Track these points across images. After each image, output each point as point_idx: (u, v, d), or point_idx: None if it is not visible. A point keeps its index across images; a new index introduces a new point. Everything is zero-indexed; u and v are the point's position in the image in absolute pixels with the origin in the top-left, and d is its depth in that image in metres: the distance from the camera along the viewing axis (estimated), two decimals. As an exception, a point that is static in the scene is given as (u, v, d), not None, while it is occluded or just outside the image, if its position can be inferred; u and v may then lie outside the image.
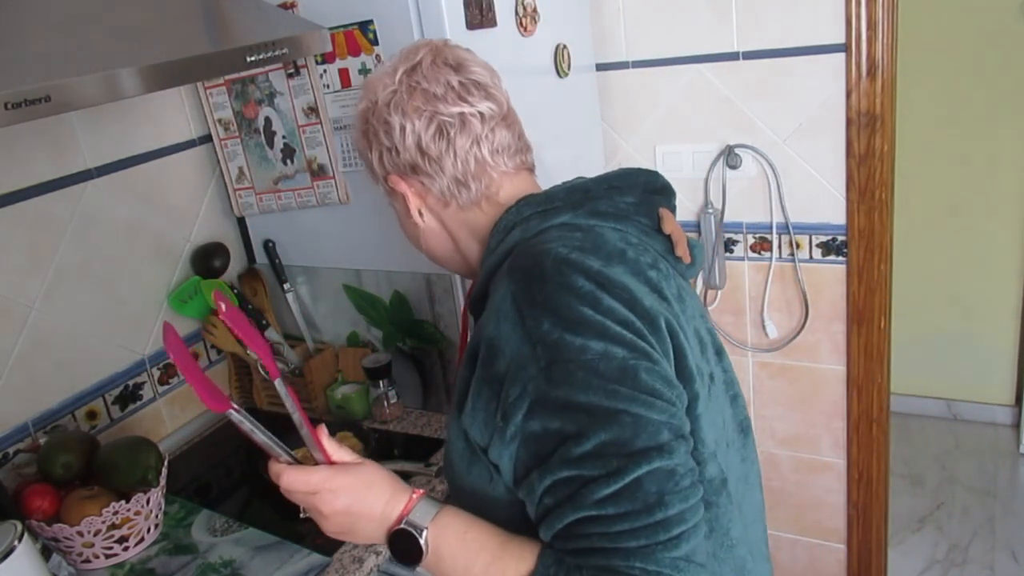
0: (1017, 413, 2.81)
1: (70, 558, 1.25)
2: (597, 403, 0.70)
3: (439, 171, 0.87)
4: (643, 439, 0.70)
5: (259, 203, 1.66)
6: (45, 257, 1.42)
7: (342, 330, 1.72)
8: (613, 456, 0.69)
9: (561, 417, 0.70)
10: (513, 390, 0.72)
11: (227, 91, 1.59)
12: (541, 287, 0.74)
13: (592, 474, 0.69)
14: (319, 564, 1.20)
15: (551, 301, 0.73)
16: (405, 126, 0.86)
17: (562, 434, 0.70)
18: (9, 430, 1.37)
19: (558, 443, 0.70)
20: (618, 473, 0.69)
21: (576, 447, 0.70)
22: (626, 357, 0.71)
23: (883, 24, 1.54)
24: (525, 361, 0.71)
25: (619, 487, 0.69)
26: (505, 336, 0.73)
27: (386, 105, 0.88)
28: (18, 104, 0.84)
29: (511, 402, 0.72)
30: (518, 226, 0.84)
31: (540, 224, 0.83)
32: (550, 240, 0.79)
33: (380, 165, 0.91)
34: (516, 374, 0.72)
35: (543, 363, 0.71)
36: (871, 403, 1.82)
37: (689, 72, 1.75)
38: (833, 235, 1.74)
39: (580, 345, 0.71)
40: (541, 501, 0.73)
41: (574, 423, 0.70)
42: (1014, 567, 2.28)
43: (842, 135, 1.65)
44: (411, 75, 0.87)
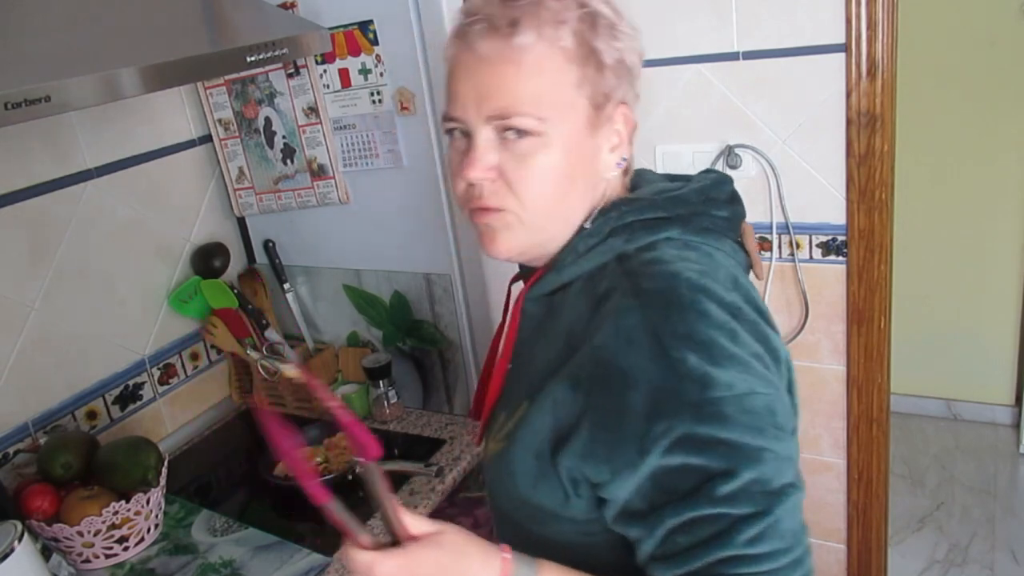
0: (1017, 413, 2.81)
1: (70, 558, 1.25)
2: (745, 441, 0.67)
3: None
4: (781, 476, 0.69)
5: (259, 203, 1.66)
6: (45, 257, 1.41)
7: (342, 330, 1.72)
8: (758, 494, 0.67)
9: (707, 454, 0.67)
10: (658, 425, 0.66)
11: (227, 91, 1.59)
12: (682, 316, 0.68)
13: (740, 512, 0.67)
14: (319, 564, 1.20)
15: (695, 333, 0.68)
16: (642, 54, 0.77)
17: (707, 471, 0.67)
18: (9, 430, 1.37)
19: (702, 480, 0.67)
20: (765, 512, 0.67)
21: (723, 484, 0.67)
22: (766, 393, 0.69)
23: (883, 24, 1.54)
24: (671, 395, 0.67)
25: (765, 526, 0.67)
26: (641, 367, 0.67)
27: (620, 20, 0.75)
28: (18, 104, 0.84)
29: (653, 437, 0.67)
30: (618, 233, 0.76)
31: (648, 236, 0.75)
32: (669, 259, 0.73)
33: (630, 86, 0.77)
34: (660, 408, 0.67)
35: (693, 398, 0.66)
36: (871, 403, 1.82)
37: (689, 72, 1.75)
38: (833, 235, 1.74)
39: (727, 381, 0.67)
40: (669, 538, 0.69)
41: (722, 460, 0.67)
42: (1014, 567, 2.27)
43: (842, 135, 1.65)
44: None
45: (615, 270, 0.75)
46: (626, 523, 0.72)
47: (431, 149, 1.41)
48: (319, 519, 1.33)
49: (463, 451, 1.46)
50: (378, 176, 1.49)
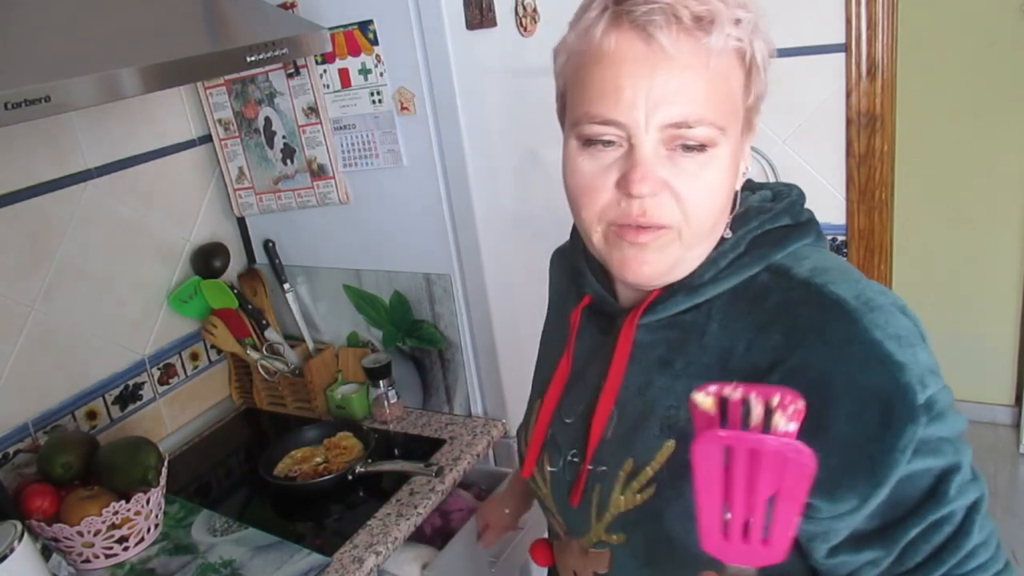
0: (1017, 413, 2.81)
1: (70, 558, 1.25)
2: (956, 431, 0.66)
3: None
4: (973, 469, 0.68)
5: (259, 203, 1.66)
6: (45, 257, 1.42)
7: (342, 330, 1.72)
8: (973, 480, 0.67)
9: (938, 453, 0.64)
10: (903, 434, 0.62)
11: (227, 91, 1.59)
12: (886, 319, 0.64)
13: (968, 502, 0.65)
14: (319, 564, 1.20)
15: (901, 333, 0.64)
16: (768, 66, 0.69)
17: (938, 470, 0.64)
18: (9, 430, 1.37)
19: (936, 481, 0.64)
20: (982, 495, 0.67)
21: (954, 478, 0.65)
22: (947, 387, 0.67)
23: (883, 24, 1.54)
24: (902, 401, 0.62)
25: (984, 509, 0.66)
26: (868, 379, 0.62)
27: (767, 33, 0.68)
28: (18, 104, 0.84)
29: (900, 448, 0.62)
30: (761, 245, 0.71)
31: (791, 244, 0.71)
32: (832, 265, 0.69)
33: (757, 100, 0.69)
34: (898, 417, 0.62)
35: (921, 400, 0.62)
36: (871, 403, 1.82)
37: (689, 72, 1.75)
38: (833, 235, 1.74)
39: (933, 375, 0.65)
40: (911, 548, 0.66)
41: (948, 455, 0.65)
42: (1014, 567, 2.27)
43: (842, 135, 1.65)
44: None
45: (778, 282, 0.68)
46: (855, 549, 0.67)
47: (431, 149, 1.41)
48: (319, 519, 1.34)
49: (463, 451, 1.46)
50: (378, 176, 1.49)
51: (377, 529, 1.27)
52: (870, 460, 0.62)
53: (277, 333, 1.71)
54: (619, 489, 0.73)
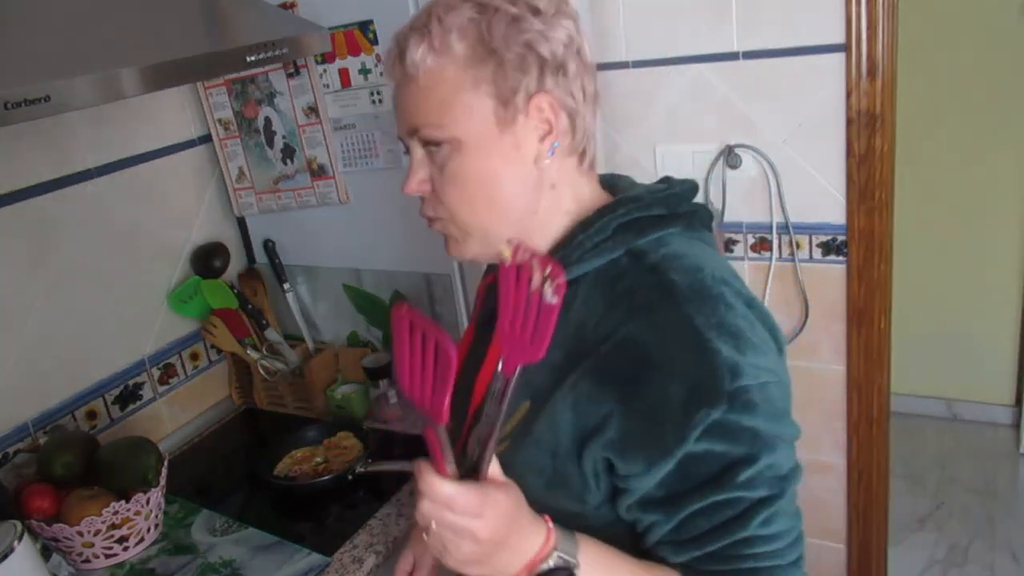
0: (1017, 413, 2.81)
1: (70, 558, 1.25)
2: (764, 428, 0.71)
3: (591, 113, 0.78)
4: (789, 461, 0.74)
5: (259, 203, 1.66)
6: (45, 257, 1.41)
7: (342, 330, 1.72)
8: (772, 478, 0.72)
9: (732, 441, 0.70)
10: (696, 415, 0.68)
11: (227, 91, 1.59)
12: (713, 308, 0.71)
13: (756, 496, 0.71)
14: (319, 564, 1.20)
15: (725, 324, 0.71)
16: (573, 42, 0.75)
17: (729, 457, 0.70)
18: (9, 430, 1.37)
19: (725, 465, 0.70)
20: (777, 495, 0.72)
21: (744, 470, 0.70)
22: (780, 381, 0.73)
23: (883, 24, 1.54)
24: (707, 385, 0.69)
25: (776, 508, 0.72)
26: (679, 359, 0.69)
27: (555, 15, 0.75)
28: (18, 104, 0.84)
29: (691, 426, 0.69)
30: (627, 229, 0.77)
31: (656, 232, 0.78)
32: (687, 253, 0.76)
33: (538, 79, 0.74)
34: (698, 398, 0.69)
35: (727, 387, 0.69)
36: (871, 403, 1.82)
37: (689, 72, 1.75)
38: (833, 235, 1.74)
39: (753, 369, 0.70)
40: (689, 522, 0.72)
41: (744, 446, 0.70)
42: (1014, 567, 2.27)
43: (842, 135, 1.65)
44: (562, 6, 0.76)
45: (632, 266, 0.76)
46: (643, 510, 0.74)
47: (431, 149, 1.41)
48: (319, 519, 1.34)
49: (463, 451, 1.46)
50: (378, 176, 1.49)
51: (377, 529, 1.27)
52: (662, 432, 0.70)
53: (277, 333, 1.71)
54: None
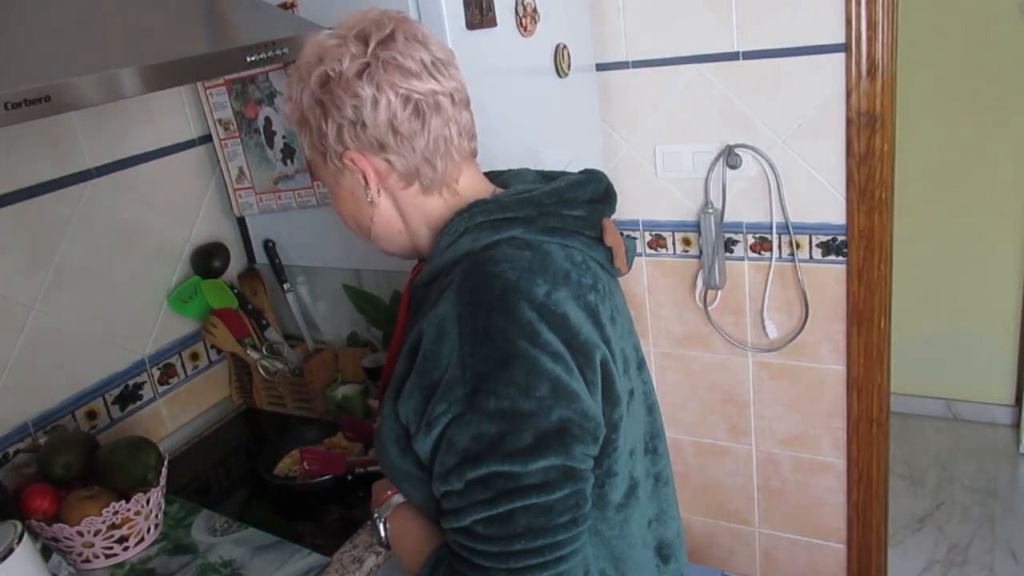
0: (1017, 413, 2.81)
1: (70, 558, 1.25)
2: (502, 435, 0.74)
3: (410, 150, 0.84)
4: (530, 477, 0.75)
5: (259, 203, 1.66)
6: (45, 257, 1.42)
7: (342, 330, 1.72)
8: (500, 486, 0.75)
9: (469, 439, 0.75)
10: (440, 405, 0.76)
11: (227, 91, 1.59)
12: (487, 314, 0.76)
13: (476, 497, 0.76)
14: (319, 564, 1.20)
15: (491, 330, 0.76)
16: (379, 101, 0.81)
17: (465, 454, 0.76)
18: (9, 430, 1.37)
19: (460, 460, 0.76)
20: (496, 501, 0.75)
21: (471, 470, 0.75)
22: (543, 397, 0.75)
23: (883, 24, 1.54)
24: (455, 382, 0.75)
25: (493, 514, 0.76)
26: (444, 354, 0.77)
27: (356, 76, 0.81)
28: (18, 104, 0.84)
29: (436, 415, 0.77)
30: (469, 232, 0.84)
31: (492, 235, 0.84)
32: (500, 259, 0.81)
33: (338, 140, 0.84)
34: (445, 391, 0.76)
35: (469, 388, 0.75)
36: (871, 403, 1.82)
37: (689, 72, 1.75)
38: (833, 235, 1.74)
39: (506, 379, 0.74)
40: (442, 500, 0.81)
41: (477, 447, 0.75)
42: (1014, 567, 2.27)
43: (842, 135, 1.65)
44: (385, 48, 0.82)
45: (463, 265, 0.83)
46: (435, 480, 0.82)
47: (431, 149, 1.41)
48: (319, 519, 1.34)
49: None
50: (378, 176, 1.49)
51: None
52: (424, 411, 0.79)
53: (277, 333, 1.71)
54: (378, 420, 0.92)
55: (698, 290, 1.92)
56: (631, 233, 1.96)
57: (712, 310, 1.93)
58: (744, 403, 1.98)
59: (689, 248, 1.90)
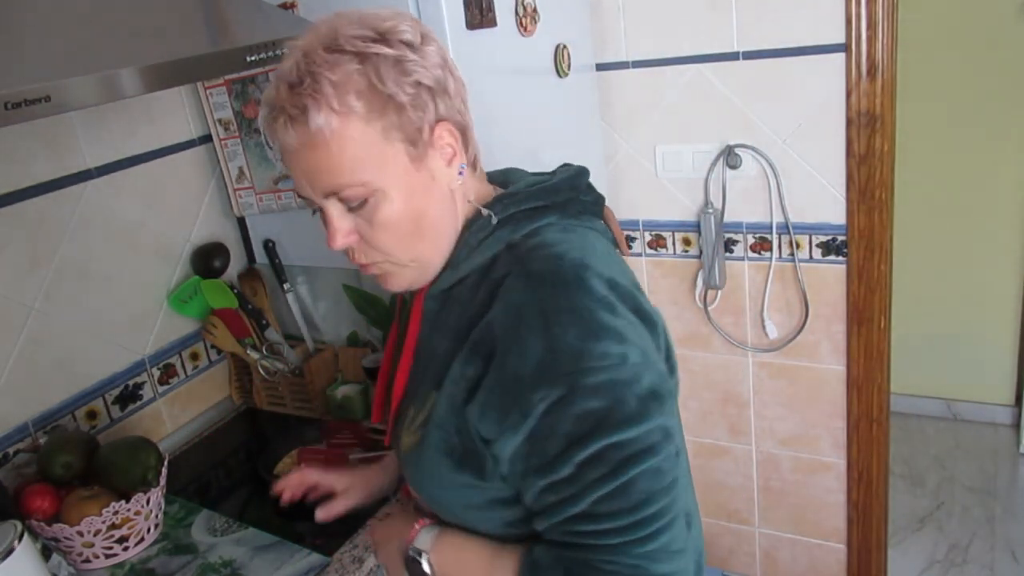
0: (1017, 413, 2.81)
1: (70, 558, 1.25)
2: (607, 408, 0.73)
3: (468, 115, 0.84)
4: (640, 442, 0.75)
5: (259, 203, 1.66)
6: (45, 257, 1.42)
7: (342, 330, 1.72)
8: (615, 457, 0.74)
9: (572, 421, 0.73)
10: (536, 393, 0.74)
11: (227, 91, 1.59)
12: (565, 293, 0.76)
13: (592, 476, 0.74)
14: (319, 564, 1.20)
15: (576, 309, 0.75)
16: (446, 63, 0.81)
17: (570, 437, 0.74)
18: (9, 430, 1.37)
19: (566, 445, 0.74)
20: (615, 474, 0.74)
21: (580, 451, 0.74)
22: (636, 363, 0.75)
23: (883, 24, 1.54)
24: (549, 367, 0.73)
25: (614, 487, 0.74)
26: (528, 340, 0.74)
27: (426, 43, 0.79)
28: (18, 104, 0.84)
29: (533, 403, 0.74)
30: (504, 224, 0.83)
31: (530, 224, 0.83)
32: (553, 242, 0.80)
33: (435, 110, 0.78)
34: (539, 378, 0.74)
35: (567, 369, 0.73)
36: (871, 403, 1.82)
37: (689, 72, 1.75)
38: (833, 235, 1.74)
39: (601, 352, 0.74)
40: (542, 495, 0.78)
41: (583, 426, 0.73)
42: (1014, 567, 2.27)
43: (842, 135, 1.65)
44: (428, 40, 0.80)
45: (507, 258, 0.81)
46: (515, 482, 0.80)
47: (431, 149, 1.41)
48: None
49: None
50: (378, 176, 1.49)
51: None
52: (512, 406, 0.75)
53: (277, 333, 1.71)
54: (405, 433, 0.89)
55: (698, 290, 1.92)
56: (631, 233, 1.96)
57: (712, 310, 1.93)
58: (744, 403, 1.98)
59: (689, 248, 1.90)
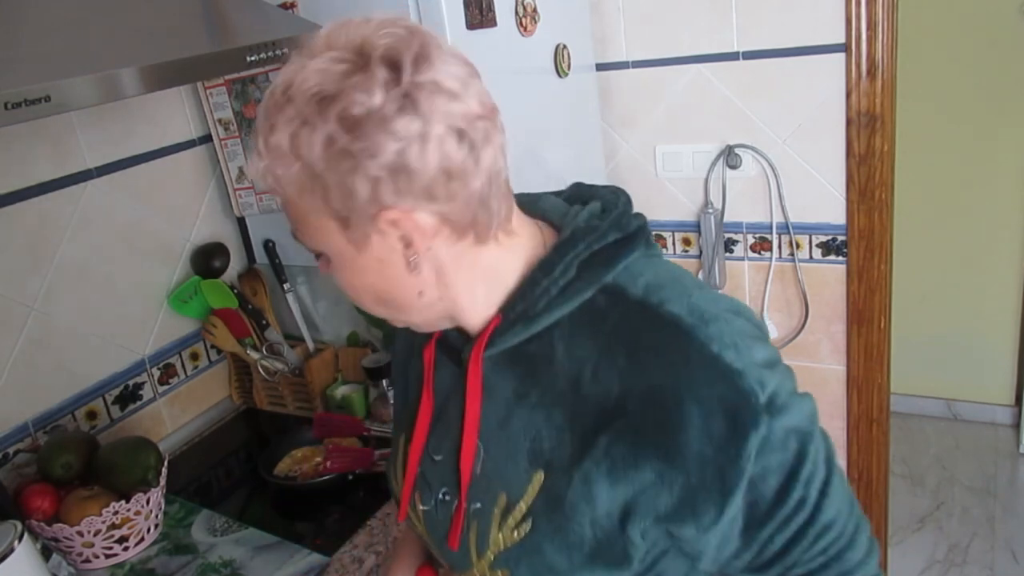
0: (1017, 413, 2.81)
1: (70, 558, 1.25)
2: (800, 418, 0.67)
3: (466, 195, 0.66)
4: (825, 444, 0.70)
5: (259, 203, 1.66)
6: (45, 257, 1.41)
7: (342, 330, 1.72)
8: (822, 462, 0.68)
9: (783, 446, 0.65)
10: (745, 441, 0.63)
11: (227, 91, 1.59)
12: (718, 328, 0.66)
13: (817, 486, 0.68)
14: (319, 564, 1.20)
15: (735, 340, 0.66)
16: (429, 138, 0.62)
17: (787, 463, 0.66)
18: (9, 430, 1.37)
19: (786, 473, 0.66)
20: (831, 473, 0.69)
21: (802, 468, 0.66)
22: (787, 366, 0.70)
23: (883, 24, 1.54)
24: (744, 406, 0.64)
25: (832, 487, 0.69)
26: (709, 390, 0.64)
27: (399, 111, 0.61)
28: (18, 104, 0.84)
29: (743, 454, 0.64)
30: (591, 264, 0.71)
31: (621, 260, 0.71)
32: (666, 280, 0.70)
33: (372, 199, 0.63)
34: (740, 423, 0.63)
35: (762, 401, 0.64)
36: (871, 403, 1.82)
37: (689, 72, 1.75)
38: (833, 235, 1.74)
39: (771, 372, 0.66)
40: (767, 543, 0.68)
41: (795, 445, 0.66)
42: (1014, 567, 2.27)
43: (842, 135, 1.65)
44: (423, 69, 0.63)
45: (614, 304, 0.69)
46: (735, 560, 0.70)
47: (431, 149, 1.41)
48: (319, 519, 1.34)
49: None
50: (378, 176, 1.49)
51: (377, 529, 1.27)
52: (720, 471, 0.64)
53: (277, 333, 1.71)
54: (496, 527, 0.74)
55: (698, 290, 1.92)
56: (631, 233, 1.96)
57: (712, 310, 1.92)
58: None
59: (689, 248, 1.90)
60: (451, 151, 0.64)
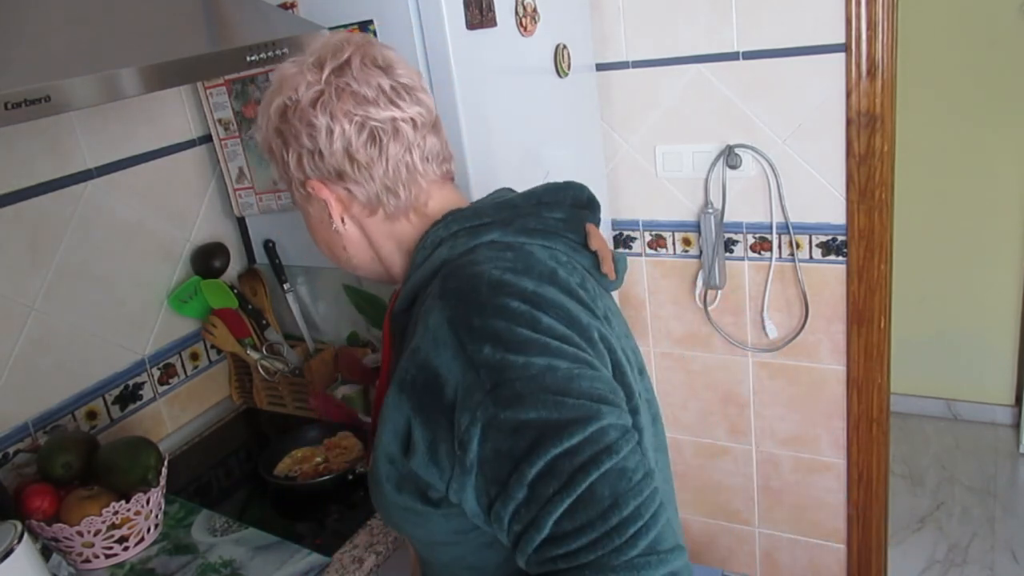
0: (1017, 413, 2.81)
1: (70, 558, 1.25)
2: (546, 417, 0.69)
3: (368, 178, 0.83)
4: (591, 446, 0.69)
5: (259, 203, 1.66)
6: (45, 257, 1.42)
7: (342, 330, 1.72)
8: (567, 467, 0.68)
9: (513, 437, 0.69)
10: (463, 418, 0.70)
11: (227, 91, 1.59)
12: (479, 311, 0.73)
13: (547, 492, 0.68)
14: (319, 564, 1.20)
15: (490, 325, 0.72)
16: (333, 129, 0.81)
17: (514, 454, 0.69)
18: (9, 430, 1.37)
19: (513, 464, 0.69)
20: (570, 486, 0.68)
21: (529, 467, 0.68)
22: (570, 368, 0.72)
23: (883, 24, 1.54)
24: (471, 387, 0.70)
25: (574, 499, 0.68)
26: (447, 364, 0.72)
27: (311, 105, 0.81)
28: (18, 104, 0.84)
29: (464, 430, 0.70)
30: (445, 242, 0.82)
31: (469, 241, 0.81)
32: (481, 260, 0.78)
33: (299, 168, 0.85)
34: (464, 401, 0.70)
35: (489, 386, 0.70)
36: (871, 403, 1.82)
37: (689, 72, 1.75)
38: (833, 235, 1.74)
39: (523, 363, 0.70)
40: (511, 529, 0.71)
41: (524, 440, 0.69)
42: (1014, 567, 2.27)
43: (842, 135, 1.65)
44: (340, 75, 0.81)
45: (440, 275, 0.80)
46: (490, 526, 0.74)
47: (431, 149, 1.41)
48: (319, 519, 1.34)
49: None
50: (378, 176, 1.49)
51: (377, 529, 1.27)
52: (447, 435, 0.72)
53: (277, 333, 1.71)
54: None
55: (698, 290, 1.92)
56: (631, 233, 1.96)
57: (712, 310, 1.93)
58: (744, 403, 1.98)
59: (689, 248, 1.90)
60: (354, 142, 0.82)
